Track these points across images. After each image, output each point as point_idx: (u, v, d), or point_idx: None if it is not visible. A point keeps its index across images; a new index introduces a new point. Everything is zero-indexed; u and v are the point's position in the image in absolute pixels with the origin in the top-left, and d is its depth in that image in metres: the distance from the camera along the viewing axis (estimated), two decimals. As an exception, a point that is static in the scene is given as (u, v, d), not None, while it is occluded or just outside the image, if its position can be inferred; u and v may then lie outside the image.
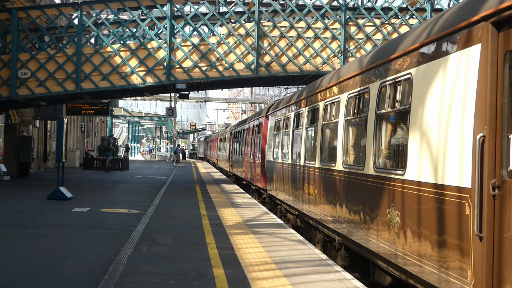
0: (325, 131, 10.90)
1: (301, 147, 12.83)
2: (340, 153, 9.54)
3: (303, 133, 12.72)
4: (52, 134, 35.45)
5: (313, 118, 11.97)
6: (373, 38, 21.32)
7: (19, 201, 16.90)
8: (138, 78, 21.54)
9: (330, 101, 10.58)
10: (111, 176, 30.54)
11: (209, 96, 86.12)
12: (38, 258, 8.85)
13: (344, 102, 9.60)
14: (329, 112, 10.65)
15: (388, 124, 7.78)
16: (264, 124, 20.01)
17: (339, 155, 9.60)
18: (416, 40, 6.81)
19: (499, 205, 5.10)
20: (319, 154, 11.01)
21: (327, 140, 10.85)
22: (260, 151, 20.34)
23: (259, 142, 20.73)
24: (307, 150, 12.41)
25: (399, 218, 6.86)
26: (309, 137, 12.38)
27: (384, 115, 7.76)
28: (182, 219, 13.63)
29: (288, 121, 14.92)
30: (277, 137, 16.55)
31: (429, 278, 6.10)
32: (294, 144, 13.99)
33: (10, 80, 21.43)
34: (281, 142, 15.74)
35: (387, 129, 7.81)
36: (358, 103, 8.93)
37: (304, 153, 12.53)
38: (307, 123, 12.45)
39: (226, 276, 7.73)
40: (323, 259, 9.10)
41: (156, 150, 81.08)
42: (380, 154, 7.88)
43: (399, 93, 7.21)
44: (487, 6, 5.32)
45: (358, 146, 8.94)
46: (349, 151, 9.35)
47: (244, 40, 21.50)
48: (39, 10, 23.02)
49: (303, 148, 12.60)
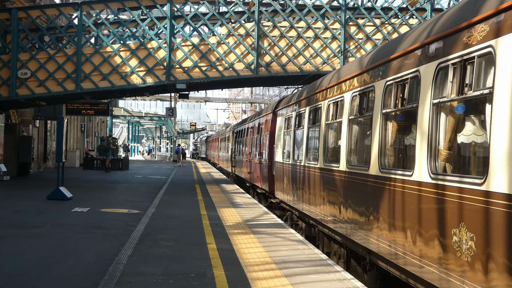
0: (352, 128, 9.30)
1: (319, 147, 11.21)
2: (375, 154, 7.89)
3: (321, 131, 11.05)
4: (52, 134, 35.43)
5: (335, 113, 10.32)
6: (373, 38, 21.32)
7: (19, 201, 16.89)
8: (138, 78, 21.53)
9: (361, 91, 8.77)
10: (111, 176, 30.53)
11: (209, 96, 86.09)
12: (38, 258, 8.84)
13: (382, 91, 7.72)
14: (359, 105, 8.87)
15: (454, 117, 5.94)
16: (272, 121, 18.35)
17: (374, 156, 7.93)
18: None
19: None
20: (345, 155, 9.42)
21: (356, 138, 9.25)
22: (266, 151, 18.73)
23: (266, 142, 19.11)
24: (327, 151, 10.87)
25: (472, 241, 5.28)
26: (330, 135, 10.80)
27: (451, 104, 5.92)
28: (182, 219, 13.63)
29: (301, 118, 13.36)
30: (288, 136, 14.97)
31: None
32: (309, 144, 12.48)
33: (10, 80, 21.43)
34: (293, 141, 14.13)
35: (453, 124, 5.96)
36: (406, 91, 6.99)
37: (323, 154, 10.90)
38: (327, 119, 10.79)
39: (226, 276, 7.73)
40: (323, 259, 9.09)
41: (156, 150, 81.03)
42: (438, 156, 6.16)
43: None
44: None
45: (405, 146, 7.36)
46: (388, 152, 7.69)
47: (244, 40, 21.50)
48: (39, 10, 23.01)
49: (322, 149, 10.97)
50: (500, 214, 4.84)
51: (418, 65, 6.62)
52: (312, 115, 12.16)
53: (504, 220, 4.77)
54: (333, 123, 10.57)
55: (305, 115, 12.79)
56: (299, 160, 13.20)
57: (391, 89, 7.44)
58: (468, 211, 5.34)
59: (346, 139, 9.48)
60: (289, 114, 14.93)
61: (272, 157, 17.69)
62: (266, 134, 19.07)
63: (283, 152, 15.57)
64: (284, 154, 15.36)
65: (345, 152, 9.44)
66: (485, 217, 5.06)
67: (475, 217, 5.24)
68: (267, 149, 18.58)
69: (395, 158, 7.59)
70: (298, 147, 13.64)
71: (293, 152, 14.01)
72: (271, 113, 18.60)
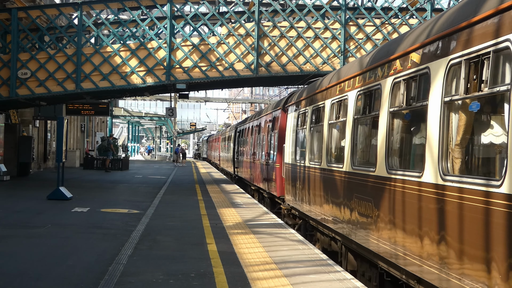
0: (394, 123, 7.54)
1: (345, 148, 9.52)
2: (433, 157, 6.18)
3: (347, 127, 9.39)
4: (52, 134, 35.44)
5: (369, 105, 8.58)
6: (373, 38, 21.32)
7: (19, 201, 16.89)
8: (138, 78, 21.53)
9: (407, 75, 7.03)
10: (111, 176, 30.53)
11: (209, 96, 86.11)
12: (38, 258, 8.84)
13: (443, 73, 6.07)
14: (405, 94, 7.11)
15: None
16: (282, 118, 16.63)
17: (430, 159, 6.27)
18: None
19: None
20: (383, 156, 7.62)
21: (403, 136, 7.54)
22: (275, 152, 17.02)
23: (274, 141, 17.40)
24: (356, 152, 9.17)
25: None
26: (358, 133, 9.19)
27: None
28: (182, 219, 13.62)
29: (319, 113, 11.66)
30: (302, 134, 13.39)
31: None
32: (330, 143, 10.80)
33: (10, 80, 21.42)
34: (310, 140, 12.38)
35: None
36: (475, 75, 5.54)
37: (350, 155, 9.16)
38: (357, 112, 9.05)
39: (226, 276, 7.73)
40: (323, 259, 9.09)
41: (156, 150, 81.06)
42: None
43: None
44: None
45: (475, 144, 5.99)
46: (454, 153, 5.97)
47: (244, 40, 21.50)
48: (39, 10, 23.01)
49: (349, 149, 9.22)
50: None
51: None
52: (335, 109, 10.43)
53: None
54: (364, 118, 8.87)
55: (324, 109, 11.10)
56: (317, 162, 11.52)
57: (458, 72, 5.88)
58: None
59: (385, 138, 7.59)
60: (303, 109, 13.22)
61: (281, 158, 16.08)
62: (274, 133, 17.44)
63: (295, 153, 14.02)
64: (297, 154, 13.85)
65: (385, 153, 7.59)
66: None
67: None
68: (276, 149, 16.97)
69: (470, 163, 6.01)
70: (316, 147, 12.03)
71: (310, 153, 12.32)
72: (280, 109, 16.90)
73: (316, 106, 11.98)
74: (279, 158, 16.42)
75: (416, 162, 6.96)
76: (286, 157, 15.17)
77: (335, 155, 10.65)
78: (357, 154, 9.20)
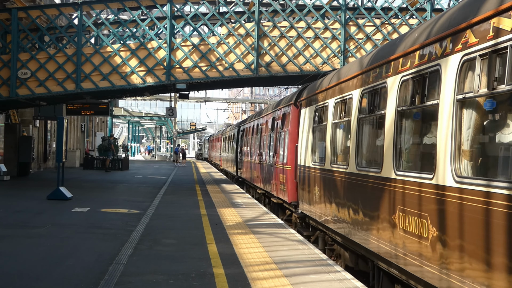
0: (463, 115, 5.81)
1: (384, 148, 7.67)
2: None
3: (387, 122, 7.58)
4: (52, 134, 35.45)
5: (419, 93, 6.81)
6: (373, 38, 21.32)
7: (19, 201, 16.89)
8: (138, 78, 21.53)
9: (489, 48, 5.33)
10: (111, 176, 30.53)
11: (209, 96, 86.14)
12: (38, 258, 8.84)
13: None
14: (476, 79, 5.51)
15: None
16: (293, 115, 14.97)
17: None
18: None
19: None
20: (449, 161, 5.89)
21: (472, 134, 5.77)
22: (285, 153, 15.33)
23: (285, 140, 15.67)
24: (404, 152, 7.36)
25: None
26: (405, 129, 7.31)
27: None
28: (182, 219, 13.63)
29: (345, 106, 9.99)
30: (321, 132, 11.80)
31: None
32: (361, 142, 9.11)
33: (10, 80, 21.42)
34: (331, 139, 10.69)
35: None
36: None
37: (396, 157, 7.32)
38: (402, 103, 7.24)
39: (226, 276, 7.73)
40: (323, 259, 9.10)
41: (156, 150, 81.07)
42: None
43: None
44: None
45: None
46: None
47: (244, 40, 21.50)
48: (39, 10, 23.01)
49: (392, 149, 7.40)
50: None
51: None
52: (368, 101, 8.68)
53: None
54: (412, 110, 7.09)
55: (352, 102, 9.39)
56: (343, 165, 9.91)
57: None
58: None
59: (454, 135, 5.88)
60: (323, 103, 11.60)
61: (293, 159, 14.56)
62: (285, 131, 15.70)
63: (313, 153, 12.33)
64: (315, 156, 12.20)
65: (448, 155, 5.90)
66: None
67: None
68: (286, 149, 15.25)
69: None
70: (340, 147, 10.49)
71: (332, 154, 10.65)
72: (291, 105, 15.21)
73: (340, 98, 10.26)
74: (290, 160, 14.79)
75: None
76: (299, 158, 13.62)
77: (367, 157, 8.97)
78: (405, 155, 7.28)
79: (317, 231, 12.14)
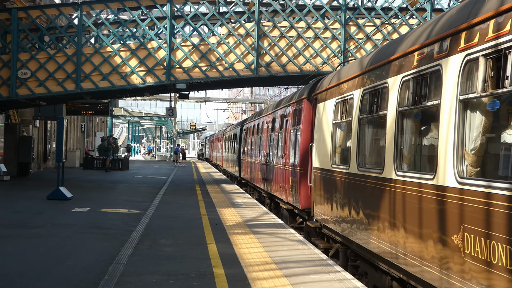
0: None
1: (438, 147, 6.13)
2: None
3: (445, 116, 6.00)
4: (52, 134, 35.45)
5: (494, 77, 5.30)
6: (373, 38, 21.32)
7: (19, 201, 16.89)
8: (138, 78, 21.53)
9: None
10: (111, 176, 30.53)
11: (209, 96, 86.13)
12: (38, 258, 8.84)
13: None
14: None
15: None
16: (306, 111, 13.51)
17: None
18: None
19: None
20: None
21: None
22: (297, 153, 13.81)
23: (296, 139, 14.14)
24: (467, 153, 5.71)
25: None
26: (472, 123, 5.66)
27: None
28: (182, 219, 13.62)
29: (378, 97, 8.26)
30: (343, 130, 10.27)
31: None
32: (401, 140, 7.34)
33: (10, 80, 21.42)
34: (358, 137, 9.04)
35: None
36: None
37: (457, 159, 5.75)
38: (466, 89, 5.68)
39: (226, 276, 7.73)
40: (323, 259, 9.09)
41: (156, 150, 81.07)
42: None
43: None
44: None
45: None
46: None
47: (244, 40, 21.50)
48: (39, 10, 23.00)
49: (451, 149, 5.85)
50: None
51: None
52: (412, 89, 6.93)
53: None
54: (480, 98, 5.50)
55: (387, 91, 7.73)
56: (374, 168, 8.30)
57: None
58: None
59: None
60: (346, 95, 9.83)
61: (306, 160, 13.02)
62: (296, 129, 14.21)
63: (333, 154, 10.61)
64: (335, 157, 10.57)
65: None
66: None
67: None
68: (298, 149, 13.75)
69: None
70: (371, 148, 8.96)
71: (359, 155, 9.00)
72: (304, 99, 13.67)
73: (371, 88, 8.48)
74: (303, 161, 13.28)
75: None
76: (315, 159, 11.97)
77: (409, 160, 7.30)
78: (471, 157, 5.66)
79: (337, 244, 10.58)
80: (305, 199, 13.06)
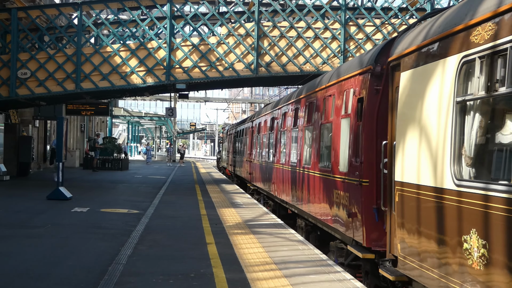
0: None
1: None
2: None
3: None
4: (52, 134, 35.44)
5: None
6: (373, 38, 21.31)
7: (19, 201, 16.88)
8: (138, 78, 21.52)
9: None
10: (111, 176, 30.51)
11: (209, 96, 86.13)
12: (38, 258, 8.84)
13: None
14: None
15: None
16: (370, 89, 8.56)
17: None
18: None
19: None
20: None
21: None
22: (358, 157, 8.87)
23: (350, 135, 9.27)
24: None
25: None
26: None
27: None
28: (182, 219, 13.62)
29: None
30: (487, 114, 5.40)
31: None
32: None
33: (10, 80, 21.41)
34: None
35: None
36: None
37: None
38: None
39: (226, 276, 7.73)
40: (323, 259, 9.09)
41: (155, 150, 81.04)
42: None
43: None
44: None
45: None
46: None
47: (244, 40, 21.49)
48: (39, 10, 23.00)
49: None
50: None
51: None
52: None
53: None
54: None
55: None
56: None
57: None
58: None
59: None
60: (489, 45, 5.15)
61: (374, 168, 8.35)
62: (354, 120, 9.11)
63: (454, 161, 5.73)
64: (460, 165, 5.68)
65: None
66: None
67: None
68: (361, 150, 8.73)
69: None
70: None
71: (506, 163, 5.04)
72: (369, 73, 8.64)
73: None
74: (372, 173, 8.41)
75: None
76: (400, 169, 7.12)
77: None
78: None
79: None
80: (369, 231, 8.41)
